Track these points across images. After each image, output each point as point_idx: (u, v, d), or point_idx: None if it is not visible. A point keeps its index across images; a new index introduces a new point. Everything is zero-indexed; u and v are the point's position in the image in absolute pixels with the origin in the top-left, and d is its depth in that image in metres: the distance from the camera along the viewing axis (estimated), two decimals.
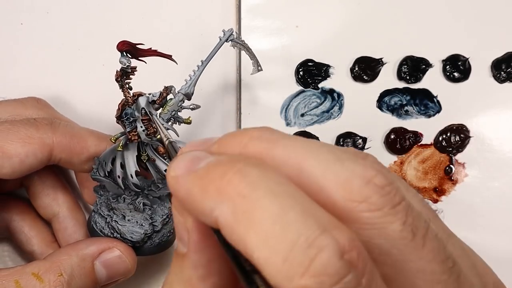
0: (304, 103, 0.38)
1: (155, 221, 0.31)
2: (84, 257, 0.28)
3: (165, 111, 0.30)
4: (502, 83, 0.38)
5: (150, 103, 0.30)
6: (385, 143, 0.38)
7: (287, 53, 0.37)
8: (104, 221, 0.31)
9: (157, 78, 0.38)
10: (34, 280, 0.26)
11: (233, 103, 0.38)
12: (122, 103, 0.29)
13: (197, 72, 0.31)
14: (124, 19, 0.37)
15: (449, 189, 0.39)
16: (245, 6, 0.37)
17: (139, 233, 0.31)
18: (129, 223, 0.31)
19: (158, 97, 0.30)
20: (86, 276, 0.28)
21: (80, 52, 0.37)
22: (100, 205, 0.32)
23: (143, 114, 0.29)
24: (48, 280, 0.26)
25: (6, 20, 0.37)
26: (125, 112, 0.29)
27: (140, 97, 0.29)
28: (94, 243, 0.29)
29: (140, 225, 0.31)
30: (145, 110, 0.29)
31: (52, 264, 0.27)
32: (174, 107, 0.30)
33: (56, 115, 0.33)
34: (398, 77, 0.38)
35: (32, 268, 0.27)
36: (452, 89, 0.38)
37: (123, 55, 0.29)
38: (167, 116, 0.30)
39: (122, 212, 0.31)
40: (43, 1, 0.37)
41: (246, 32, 0.37)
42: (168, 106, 0.30)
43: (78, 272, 0.28)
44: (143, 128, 0.29)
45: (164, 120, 0.29)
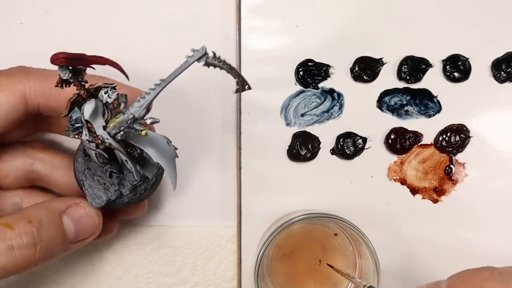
0: (304, 103, 0.38)
1: (123, 187, 0.31)
2: (51, 210, 0.29)
3: (110, 126, 0.26)
4: (502, 83, 0.38)
5: (97, 111, 0.26)
6: (385, 143, 0.38)
7: (287, 53, 0.37)
8: (81, 167, 0.30)
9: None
10: (4, 229, 0.26)
11: (233, 103, 0.38)
12: (71, 99, 0.26)
13: (152, 92, 0.25)
14: (124, 19, 0.37)
15: (449, 189, 0.39)
16: (245, 6, 0.37)
17: (101, 199, 0.30)
18: (97, 183, 0.30)
19: (110, 103, 0.26)
20: (55, 227, 0.28)
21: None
22: (80, 146, 0.31)
23: (88, 125, 0.26)
24: (18, 227, 0.26)
25: (6, 20, 0.37)
26: (71, 115, 0.26)
27: (85, 105, 0.26)
28: (62, 199, 0.30)
29: (106, 189, 0.30)
30: (90, 126, 0.26)
31: (21, 214, 0.27)
32: (122, 123, 0.26)
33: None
34: (398, 77, 0.38)
35: (2, 220, 0.27)
36: (452, 89, 0.38)
37: (61, 68, 0.24)
38: (113, 131, 0.26)
39: (93, 168, 0.30)
40: (43, 1, 0.37)
41: (246, 32, 0.37)
42: (114, 122, 0.26)
43: (46, 222, 0.28)
44: (87, 138, 0.27)
45: (110, 135, 0.26)
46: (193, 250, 0.39)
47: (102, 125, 0.26)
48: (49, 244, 0.28)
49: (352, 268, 0.38)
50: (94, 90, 0.26)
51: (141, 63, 0.37)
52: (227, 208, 0.39)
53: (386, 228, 0.39)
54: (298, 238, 0.38)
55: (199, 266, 0.39)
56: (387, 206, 0.39)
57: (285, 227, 0.33)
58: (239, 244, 0.38)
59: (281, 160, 0.38)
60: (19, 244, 0.26)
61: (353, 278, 0.32)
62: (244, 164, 0.38)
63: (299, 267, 0.38)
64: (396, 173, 0.38)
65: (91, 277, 0.39)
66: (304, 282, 0.38)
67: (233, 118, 0.38)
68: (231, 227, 0.39)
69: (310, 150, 0.38)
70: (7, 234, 0.26)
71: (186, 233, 0.39)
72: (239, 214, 0.38)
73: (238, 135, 0.37)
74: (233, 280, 0.39)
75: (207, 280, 0.39)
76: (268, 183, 0.38)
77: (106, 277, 0.39)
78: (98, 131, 0.26)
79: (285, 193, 0.38)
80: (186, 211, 0.39)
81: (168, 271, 0.39)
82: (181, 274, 0.39)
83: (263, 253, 0.33)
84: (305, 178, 0.38)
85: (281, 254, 0.38)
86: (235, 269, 0.39)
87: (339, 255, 0.38)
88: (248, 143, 0.38)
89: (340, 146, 0.38)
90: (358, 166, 0.38)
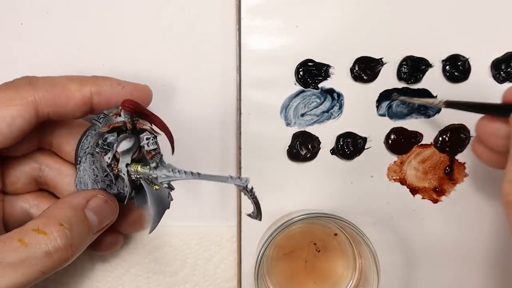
0: (304, 103, 0.38)
1: (110, 189, 0.31)
2: (75, 207, 0.29)
3: (132, 169, 0.29)
4: (502, 83, 0.38)
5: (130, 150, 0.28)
6: (385, 143, 0.38)
7: (287, 53, 0.37)
8: (86, 147, 0.31)
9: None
10: (37, 235, 0.27)
11: (233, 103, 0.38)
12: (115, 124, 0.28)
13: (184, 176, 0.27)
14: (124, 19, 0.37)
15: (449, 189, 0.39)
16: (245, 6, 0.37)
17: (86, 187, 0.31)
18: (91, 172, 0.31)
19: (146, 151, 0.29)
20: (82, 223, 0.29)
21: (80, 52, 0.37)
22: (97, 127, 0.31)
23: (116, 153, 0.28)
24: (51, 232, 0.27)
25: (6, 20, 0.37)
26: (108, 136, 0.28)
27: (124, 141, 0.28)
28: (80, 194, 0.30)
29: (96, 182, 0.31)
30: (119, 155, 0.28)
31: (49, 219, 0.28)
32: (143, 175, 0.28)
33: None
34: (398, 77, 0.38)
35: (31, 225, 0.27)
36: (452, 89, 0.38)
37: (124, 112, 0.28)
38: (132, 173, 0.29)
39: (95, 158, 0.31)
40: (43, 1, 0.37)
41: (246, 32, 0.37)
42: (137, 169, 0.29)
43: (74, 220, 0.28)
44: (108, 161, 0.29)
45: (128, 173, 0.29)
46: (193, 250, 0.39)
47: (127, 163, 0.29)
48: (80, 241, 0.29)
49: (352, 268, 0.38)
50: (140, 128, 0.29)
51: (141, 63, 0.37)
52: (227, 208, 0.39)
53: (386, 228, 0.39)
54: (298, 238, 0.38)
55: (199, 266, 0.39)
56: (387, 206, 0.39)
57: (285, 227, 0.33)
58: (239, 244, 0.38)
59: (281, 160, 0.38)
60: (55, 248, 0.27)
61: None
62: (244, 164, 0.38)
63: (299, 267, 0.38)
64: (396, 173, 0.38)
65: (91, 277, 0.39)
66: (304, 282, 0.38)
67: (233, 118, 0.38)
68: (231, 227, 0.39)
69: (310, 150, 0.38)
70: (41, 239, 0.27)
71: (186, 233, 0.39)
72: (239, 214, 0.38)
73: (238, 135, 0.38)
74: (233, 280, 0.39)
75: (207, 280, 0.39)
76: (268, 183, 0.38)
77: (106, 277, 0.39)
78: (121, 164, 0.29)
79: (285, 193, 0.38)
80: (186, 211, 0.39)
81: (168, 271, 0.39)
82: (181, 274, 0.39)
83: (263, 253, 0.33)
84: (305, 178, 0.38)
85: (281, 254, 0.38)
86: (235, 269, 0.39)
87: (339, 255, 0.38)
88: (248, 143, 0.38)
89: (340, 146, 0.38)
90: (358, 166, 0.38)
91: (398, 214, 0.39)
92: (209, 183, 0.39)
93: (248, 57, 0.37)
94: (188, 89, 0.38)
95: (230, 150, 0.38)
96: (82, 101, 0.30)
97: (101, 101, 0.31)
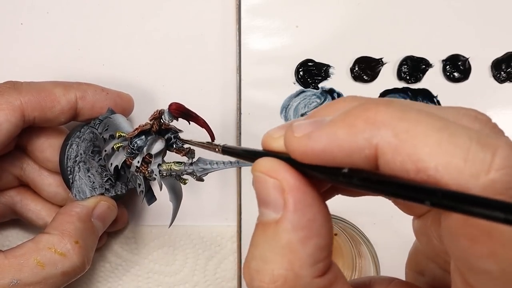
0: (304, 103, 0.38)
1: (108, 193, 0.32)
2: (84, 220, 0.30)
3: (165, 167, 0.29)
4: (502, 83, 0.38)
5: (162, 151, 0.28)
6: None
7: (287, 53, 0.37)
8: (75, 152, 0.32)
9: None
10: (54, 255, 0.27)
11: (233, 103, 0.38)
12: (143, 128, 0.29)
13: (222, 166, 0.26)
14: (124, 19, 0.37)
15: None
16: (245, 6, 0.37)
17: (84, 195, 0.31)
18: (87, 179, 0.31)
19: (174, 148, 0.29)
20: (92, 235, 0.30)
21: (80, 52, 0.37)
22: (84, 135, 0.32)
23: (146, 156, 0.28)
24: (68, 251, 0.27)
25: (6, 20, 0.37)
26: (136, 141, 0.29)
27: (157, 142, 0.28)
28: (84, 205, 0.31)
29: (93, 188, 0.32)
30: (149, 158, 0.28)
31: (63, 235, 0.28)
32: (178, 172, 0.28)
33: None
34: (398, 77, 0.38)
35: (46, 243, 0.27)
36: (452, 89, 0.38)
37: (170, 114, 0.28)
38: (164, 172, 0.29)
39: (90, 164, 0.32)
40: (43, 1, 0.37)
41: (246, 32, 0.37)
42: (171, 167, 0.28)
43: (86, 234, 0.29)
44: (138, 164, 0.29)
45: (160, 173, 0.29)
46: (193, 250, 0.39)
47: (159, 163, 0.29)
48: (92, 250, 0.30)
49: (352, 268, 0.38)
50: (165, 128, 0.29)
51: (141, 63, 0.37)
52: (227, 208, 0.39)
53: (386, 228, 0.39)
54: None
55: (199, 266, 0.39)
56: (387, 206, 0.39)
57: None
58: (239, 244, 0.38)
59: None
60: (73, 267, 0.27)
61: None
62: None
63: None
64: None
65: (91, 277, 0.39)
66: None
67: (233, 118, 0.38)
68: (231, 227, 0.39)
69: None
70: (59, 260, 0.27)
71: (186, 233, 0.39)
72: (239, 214, 0.38)
73: (238, 135, 0.37)
74: (233, 280, 0.39)
75: (207, 280, 0.39)
76: None
77: (106, 277, 0.39)
78: (153, 166, 0.29)
79: None
80: (186, 211, 0.39)
81: (168, 271, 0.39)
82: (181, 274, 0.39)
83: None
84: None
85: None
86: (235, 269, 0.39)
87: (339, 255, 0.38)
88: (248, 143, 0.38)
89: None
90: None
91: (398, 214, 0.39)
92: (209, 183, 0.39)
93: (248, 57, 0.37)
94: (188, 89, 0.38)
95: None
96: (67, 105, 0.30)
97: (85, 106, 0.31)
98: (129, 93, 0.37)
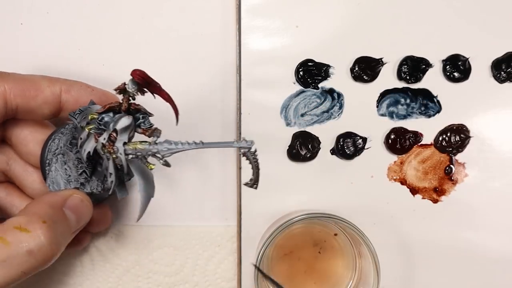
0: (304, 103, 0.38)
1: (83, 188, 0.31)
2: (55, 205, 0.29)
3: (131, 147, 0.28)
4: (502, 83, 0.38)
5: (128, 128, 0.28)
6: (385, 143, 0.38)
7: (287, 53, 0.37)
8: (55, 148, 0.31)
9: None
10: (19, 233, 0.26)
11: (233, 103, 0.38)
12: (112, 105, 0.28)
13: (187, 146, 0.28)
14: (124, 19, 0.37)
15: (449, 189, 0.39)
16: (245, 6, 0.37)
17: (58, 187, 0.31)
18: (63, 172, 0.31)
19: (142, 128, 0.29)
20: (63, 222, 0.29)
21: (80, 52, 0.37)
22: (67, 130, 0.32)
23: (112, 133, 0.28)
24: (34, 229, 0.26)
25: (6, 20, 0.37)
26: (104, 116, 0.28)
27: (123, 118, 0.28)
28: (57, 194, 0.30)
29: (68, 181, 0.31)
30: (116, 133, 0.28)
31: (31, 216, 0.27)
32: (142, 151, 0.28)
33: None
34: (398, 77, 0.38)
35: (12, 223, 0.26)
36: (452, 89, 0.38)
37: (133, 81, 0.27)
38: (129, 151, 0.28)
39: (68, 157, 0.31)
40: (43, 1, 0.37)
41: (246, 32, 0.37)
42: (136, 146, 0.28)
43: (55, 218, 0.28)
44: (103, 142, 0.28)
45: (125, 152, 0.28)
46: (193, 250, 0.39)
47: (124, 141, 0.28)
48: (62, 239, 0.28)
49: (352, 268, 0.38)
50: (134, 108, 0.28)
51: (141, 63, 0.37)
52: (227, 208, 0.39)
53: (386, 228, 0.39)
54: (298, 238, 0.38)
55: (199, 266, 0.39)
56: (387, 206, 0.39)
57: (285, 227, 0.33)
58: (239, 244, 0.38)
59: (281, 160, 0.38)
60: (39, 246, 0.26)
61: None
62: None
63: (299, 267, 0.38)
64: (396, 173, 0.38)
65: (91, 277, 0.39)
66: (304, 282, 0.38)
67: (233, 118, 0.38)
68: (231, 227, 0.39)
69: (310, 150, 0.38)
70: (24, 238, 0.26)
71: (186, 233, 0.39)
72: (239, 214, 0.38)
73: (238, 135, 0.38)
74: (233, 280, 0.39)
75: (207, 280, 0.39)
76: (268, 183, 0.38)
77: (106, 277, 0.39)
78: (118, 143, 0.28)
79: (285, 193, 0.38)
80: (186, 211, 0.39)
81: (168, 271, 0.39)
82: (181, 274, 0.39)
83: (263, 253, 0.33)
84: (305, 178, 0.38)
85: (281, 254, 0.38)
86: (235, 269, 0.39)
87: (339, 255, 0.38)
88: None
89: (340, 146, 0.38)
90: (358, 166, 0.38)
91: (398, 214, 0.39)
92: (209, 183, 0.39)
93: (248, 57, 0.37)
94: (188, 89, 0.38)
95: (230, 150, 0.38)
96: (51, 96, 0.30)
97: (69, 99, 0.31)
98: None
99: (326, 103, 0.38)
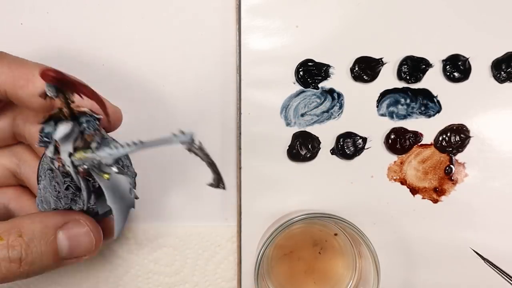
0: (304, 103, 0.38)
1: (74, 204, 0.28)
2: (46, 224, 0.27)
3: (76, 156, 0.24)
4: (502, 83, 0.38)
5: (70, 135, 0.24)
6: (385, 143, 0.38)
7: (287, 53, 0.37)
8: (46, 164, 0.27)
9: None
10: None
11: (233, 103, 0.38)
12: (52, 113, 0.24)
13: (127, 149, 0.24)
14: (124, 19, 0.37)
15: (449, 189, 0.39)
16: (245, 6, 0.37)
17: (48, 206, 0.28)
18: (52, 189, 0.27)
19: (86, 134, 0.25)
20: (46, 243, 0.27)
21: (80, 52, 0.37)
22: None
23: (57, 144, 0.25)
24: (7, 239, 0.25)
25: (6, 20, 0.37)
26: (45, 127, 0.24)
27: (61, 125, 0.24)
28: (61, 214, 0.28)
29: (58, 198, 0.28)
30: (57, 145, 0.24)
31: (13, 225, 0.26)
32: (87, 161, 0.24)
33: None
34: (398, 77, 0.38)
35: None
36: (452, 89, 0.38)
37: (48, 84, 0.22)
38: (77, 162, 0.25)
39: (55, 172, 0.27)
40: (43, 1, 0.37)
41: (246, 32, 0.37)
42: (81, 156, 0.25)
43: (38, 237, 0.26)
44: (50, 155, 0.25)
45: (73, 164, 0.25)
46: (193, 250, 0.39)
47: (69, 152, 0.25)
48: (37, 260, 0.26)
49: (352, 268, 0.38)
50: (78, 112, 0.25)
51: (141, 63, 0.37)
52: (227, 208, 0.39)
53: (386, 228, 0.39)
54: (298, 238, 0.38)
55: (199, 266, 0.39)
56: (387, 206, 0.39)
57: (285, 227, 0.33)
58: (239, 244, 0.38)
59: (281, 160, 0.38)
60: (4, 257, 0.25)
61: None
62: (244, 164, 0.38)
63: (299, 267, 0.38)
64: (396, 173, 0.38)
65: (91, 277, 0.39)
66: (304, 282, 0.38)
67: (233, 118, 0.38)
68: (231, 227, 0.39)
69: (310, 150, 0.38)
70: None
71: (186, 233, 0.39)
72: (239, 214, 0.38)
73: (238, 135, 0.37)
74: (233, 280, 0.39)
75: (207, 280, 0.39)
76: (268, 183, 0.38)
77: (106, 277, 0.39)
78: (62, 155, 0.25)
79: (285, 193, 0.38)
80: (186, 211, 0.39)
81: (168, 271, 0.39)
82: (181, 274, 0.39)
83: (263, 253, 0.33)
84: (305, 178, 0.38)
85: (281, 254, 0.38)
86: (235, 269, 0.39)
87: (339, 255, 0.38)
88: (248, 143, 0.38)
89: (340, 146, 0.38)
90: (358, 166, 0.38)
91: (398, 214, 0.39)
92: (206, 183, 0.39)
93: (248, 57, 0.37)
94: (188, 89, 0.38)
95: (230, 150, 0.38)
96: (41, 88, 0.29)
97: None
98: (129, 93, 0.37)
99: (326, 103, 0.38)
